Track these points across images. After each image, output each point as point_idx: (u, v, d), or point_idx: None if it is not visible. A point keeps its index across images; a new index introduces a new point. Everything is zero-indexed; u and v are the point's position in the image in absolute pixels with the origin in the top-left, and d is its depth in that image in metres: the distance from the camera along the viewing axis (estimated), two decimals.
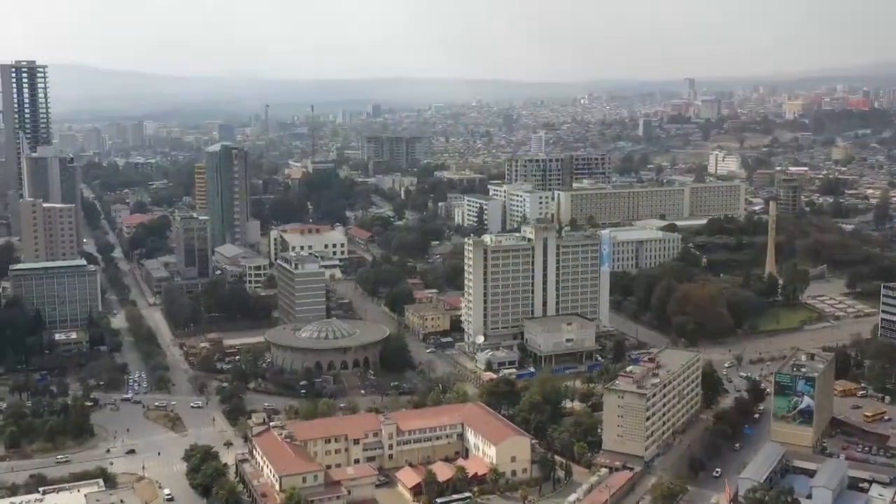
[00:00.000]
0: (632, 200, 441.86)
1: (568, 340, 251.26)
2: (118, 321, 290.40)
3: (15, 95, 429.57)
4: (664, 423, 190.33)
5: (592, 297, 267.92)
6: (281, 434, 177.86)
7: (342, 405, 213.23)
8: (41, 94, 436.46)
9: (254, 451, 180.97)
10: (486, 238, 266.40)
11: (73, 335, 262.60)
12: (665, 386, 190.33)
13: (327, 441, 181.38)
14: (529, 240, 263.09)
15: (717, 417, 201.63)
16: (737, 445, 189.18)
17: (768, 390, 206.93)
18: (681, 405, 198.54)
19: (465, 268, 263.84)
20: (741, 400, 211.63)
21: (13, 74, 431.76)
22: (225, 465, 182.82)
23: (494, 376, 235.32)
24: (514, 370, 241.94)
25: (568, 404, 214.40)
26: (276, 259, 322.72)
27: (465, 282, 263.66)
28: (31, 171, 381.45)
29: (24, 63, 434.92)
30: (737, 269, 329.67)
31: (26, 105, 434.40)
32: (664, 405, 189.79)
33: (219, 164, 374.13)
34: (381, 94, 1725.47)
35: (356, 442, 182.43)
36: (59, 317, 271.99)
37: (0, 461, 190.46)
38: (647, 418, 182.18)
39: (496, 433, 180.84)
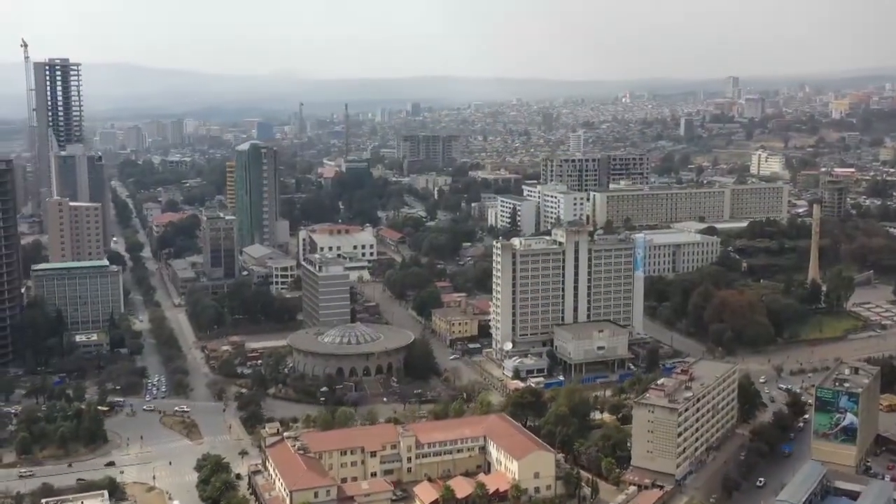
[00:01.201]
0: (670, 202, 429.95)
1: (599, 348, 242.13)
2: (141, 323, 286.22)
3: (48, 93, 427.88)
4: (697, 439, 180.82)
5: (626, 303, 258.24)
6: (294, 445, 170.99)
7: (363, 413, 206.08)
8: (74, 92, 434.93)
9: (267, 463, 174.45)
10: (516, 241, 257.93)
11: (94, 337, 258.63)
12: (698, 400, 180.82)
13: (343, 453, 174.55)
14: (560, 243, 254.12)
15: (753, 433, 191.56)
16: (760, 481, 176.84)
17: (809, 403, 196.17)
18: (715, 420, 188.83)
19: (494, 272, 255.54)
20: (780, 414, 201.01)
21: (47, 72, 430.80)
22: (238, 476, 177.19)
23: (521, 385, 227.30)
24: (541, 379, 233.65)
25: (597, 416, 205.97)
26: (302, 260, 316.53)
27: (494, 287, 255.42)
28: (60, 170, 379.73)
29: (58, 61, 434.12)
30: (778, 275, 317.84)
31: (59, 103, 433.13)
32: (697, 420, 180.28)
33: (247, 162, 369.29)
34: (421, 93, 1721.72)
35: (373, 454, 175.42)
36: (80, 318, 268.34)
37: (10, 468, 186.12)
38: (679, 434, 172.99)
39: (519, 447, 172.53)
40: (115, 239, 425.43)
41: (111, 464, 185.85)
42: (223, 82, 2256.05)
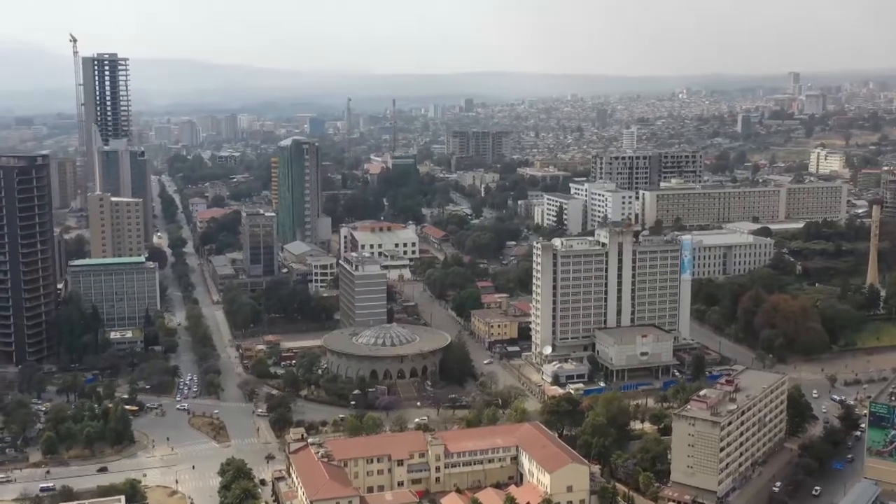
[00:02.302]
0: (723, 201, 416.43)
1: (642, 354, 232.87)
2: (178, 320, 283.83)
3: (96, 88, 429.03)
4: (741, 454, 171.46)
5: (671, 307, 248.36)
6: (318, 452, 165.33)
7: (394, 418, 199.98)
8: (122, 87, 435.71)
9: (291, 469, 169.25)
10: (556, 242, 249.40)
11: (129, 334, 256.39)
12: (743, 412, 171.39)
13: (369, 461, 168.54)
14: (603, 244, 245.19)
15: (803, 448, 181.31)
16: (816, 490, 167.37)
17: (864, 416, 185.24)
18: (761, 433, 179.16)
19: (534, 273, 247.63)
20: (831, 428, 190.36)
21: (95, 67, 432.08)
22: (262, 481, 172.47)
23: (560, 391, 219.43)
24: (581, 385, 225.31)
25: (638, 425, 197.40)
26: (342, 258, 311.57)
27: (534, 288, 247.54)
28: (103, 165, 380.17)
29: (107, 56, 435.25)
30: (835, 279, 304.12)
31: (108, 98, 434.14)
32: (741, 434, 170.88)
33: (289, 158, 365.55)
34: (475, 89, 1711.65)
35: (400, 463, 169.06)
36: (116, 314, 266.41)
37: (34, 467, 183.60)
38: (722, 449, 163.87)
39: (552, 459, 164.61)
40: (158, 234, 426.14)
41: (104, 469, 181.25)
42: (285, 77, 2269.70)
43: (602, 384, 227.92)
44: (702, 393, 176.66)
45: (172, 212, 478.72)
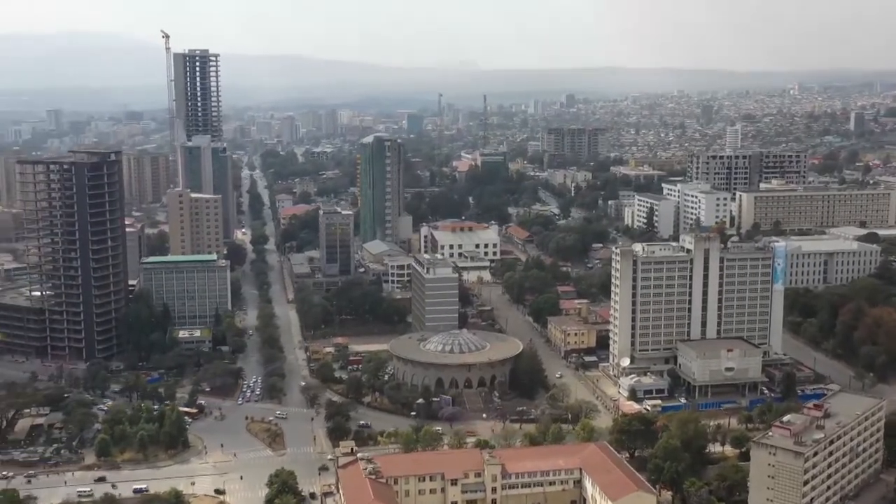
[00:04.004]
0: (827, 204, 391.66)
1: (727, 369, 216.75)
2: (249, 319, 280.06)
3: (187, 84, 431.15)
4: (828, 488, 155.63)
5: (761, 318, 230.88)
6: (366, 469, 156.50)
7: (456, 431, 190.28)
8: (212, 83, 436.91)
9: (338, 485, 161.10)
10: (637, 247, 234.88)
11: (197, 333, 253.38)
12: (832, 442, 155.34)
13: (421, 479, 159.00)
14: (688, 251, 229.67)
15: None
16: None
17: None
18: (853, 465, 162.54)
19: (612, 280, 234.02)
20: None
21: (187, 63, 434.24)
22: (311, 494, 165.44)
23: (636, 407, 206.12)
24: (659, 401, 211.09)
25: (717, 448, 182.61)
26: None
27: (612, 296, 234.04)
28: (185, 161, 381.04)
29: (198, 52, 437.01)
30: None
31: (198, 94, 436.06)
32: (829, 465, 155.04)
33: (371, 155, 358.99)
34: (579, 84, 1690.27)
35: (454, 482, 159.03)
36: (187, 313, 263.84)
37: (87, 470, 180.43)
38: (805, 482, 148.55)
39: (617, 486, 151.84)
40: (244, 230, 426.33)
41: (101, 479, 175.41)
42: (388, 73, 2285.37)
43: (683, 400, 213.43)
44: (785, 419, 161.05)
45: (259, 208, 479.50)
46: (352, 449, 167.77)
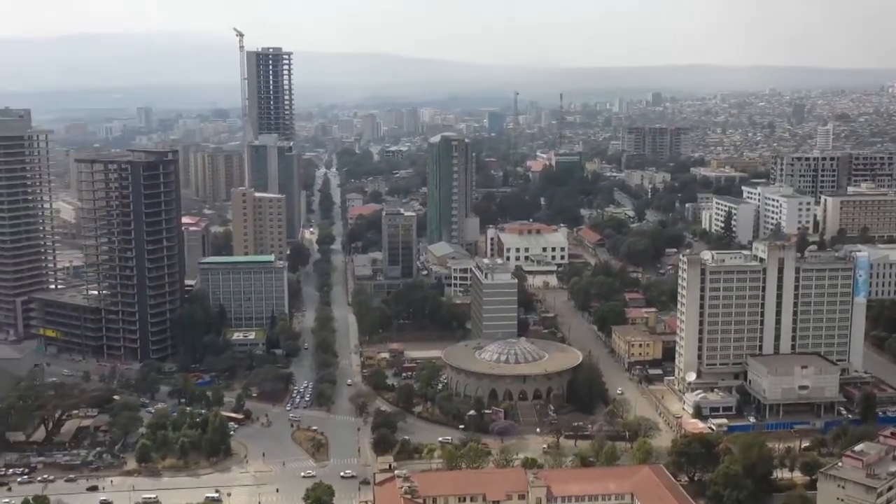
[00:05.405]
0: None
1: (801, 387, 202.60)
2: (307, 321, 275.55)
3: (259, 83, 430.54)
4: None
5: (840, 333, 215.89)
6: (402, 487, 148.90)
7: (506, 446, 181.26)
8: (284, 81, 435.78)
9: (374, 503, 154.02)
10: (706, 255, 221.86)
11: (251, 336, 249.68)
12: None
13: (461, 500, 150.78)
14: (762, 260, 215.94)
15: None
16: None
17: None
18: None
19: (679, 290, 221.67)
20: None
21: (260, 62, 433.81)
22: None
23: (701, 425, 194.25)
24: (725, 420, 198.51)
25: (785, 474, 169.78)
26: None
27: (679, 306, 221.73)
28: (252, 160, 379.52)
29: (271, 50, 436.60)
30: None
31: (271, 92, 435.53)
32: None
33: (438, 155, 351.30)
34: (667, 82, 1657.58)
35: None
36: (244, 315, 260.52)
37: (127, 475, 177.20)
38: None
39: None
40: (312, 230, 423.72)
41: (94, 488, 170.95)
42: (475, 71, 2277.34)
43: (751, 419, 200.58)
44: (858, 448, 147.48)
45: (329, 207, 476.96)
46: (389, 465, 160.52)
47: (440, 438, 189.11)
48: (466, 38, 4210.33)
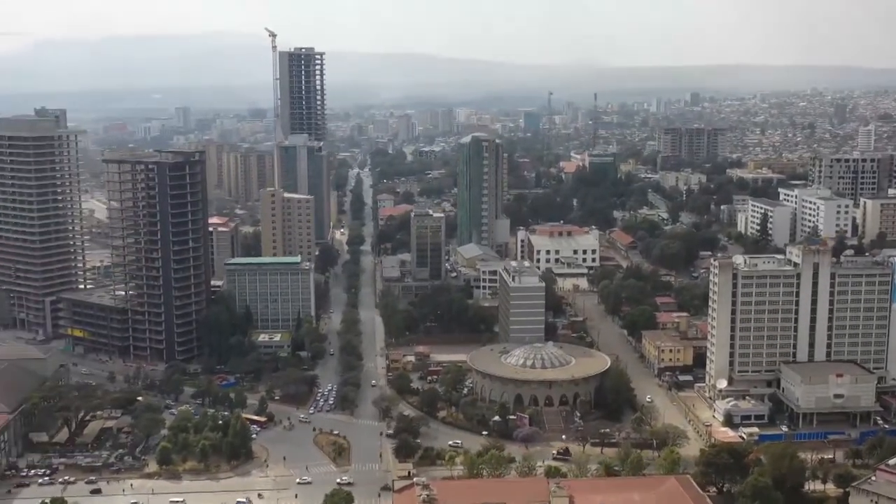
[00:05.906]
0: None
1: (836, 396, 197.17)
2: (334, 323, 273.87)
3: (291, 83, 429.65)
4: None
5: (878, 340, 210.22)
6: (420, 496, 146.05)
7: (529, 454, 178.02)
8: (316, 82, 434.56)
9: None
10: (738, 259, 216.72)
11: (277, 338, 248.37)
12: None
13: None
14: (795, 265, 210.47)
15: None
16: None
17: None
18: None
19: (710, 295, 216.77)
20: None
21: (292, 62, 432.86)
22: None
23: (731, 434, 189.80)
24: (756, 429, 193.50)
25: (818, 486, 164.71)
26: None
27: (710, 312, 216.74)
28: (282, 160, 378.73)
29: (303, 50, 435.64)
30: None
31: (303, 92, 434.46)
32: None
33: (469, 156, 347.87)
34: (706, 82, 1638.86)
35: None
36: (270, 316, 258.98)
37: (147, 478, 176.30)
38: None
39: None
40: (342, 230, 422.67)
41: (97, 491, 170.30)
42: (512, 71, 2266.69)
43: (784, 429, 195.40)
44: (892, 462, 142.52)
45: (360, 207, 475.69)
46: (409, 472, 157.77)
47: (450, 442, 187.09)
48: (503, 37, 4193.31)
